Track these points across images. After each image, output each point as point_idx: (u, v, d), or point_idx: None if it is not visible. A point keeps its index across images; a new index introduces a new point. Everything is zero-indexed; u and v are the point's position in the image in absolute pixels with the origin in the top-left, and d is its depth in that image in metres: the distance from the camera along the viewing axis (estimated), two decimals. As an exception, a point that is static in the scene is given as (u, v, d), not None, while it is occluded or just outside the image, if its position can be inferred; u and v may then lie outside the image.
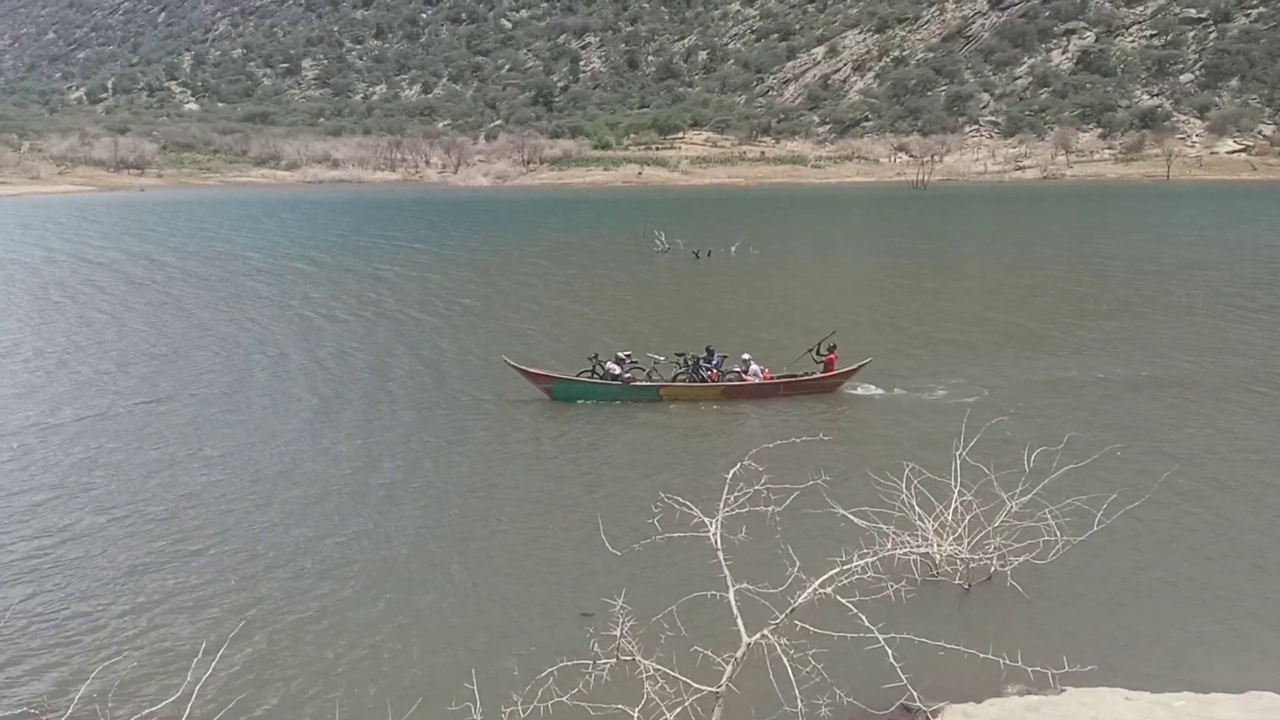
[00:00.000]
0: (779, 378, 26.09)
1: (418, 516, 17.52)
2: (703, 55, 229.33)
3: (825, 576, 9.49)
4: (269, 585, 14.84)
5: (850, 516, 13.99)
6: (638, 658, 9.07)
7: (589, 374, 25.96)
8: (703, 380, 25.75)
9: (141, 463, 20.65)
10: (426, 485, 19.27)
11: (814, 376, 26.00)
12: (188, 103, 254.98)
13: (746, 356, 26.35)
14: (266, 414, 24.57)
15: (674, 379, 26.05)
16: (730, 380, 25.86)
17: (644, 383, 25.76)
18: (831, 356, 26.13)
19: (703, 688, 9.25)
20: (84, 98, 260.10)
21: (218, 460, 20.81)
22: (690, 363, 26.15)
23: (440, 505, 18.19)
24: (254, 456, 21.10)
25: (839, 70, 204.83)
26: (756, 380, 25.76)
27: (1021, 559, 14.19)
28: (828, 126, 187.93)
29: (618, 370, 25.60)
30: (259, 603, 14.23)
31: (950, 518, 14.46)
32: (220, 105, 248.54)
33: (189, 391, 26.84)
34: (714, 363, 26.11)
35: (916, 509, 14.46)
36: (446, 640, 13.25)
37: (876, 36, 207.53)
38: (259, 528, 17.15)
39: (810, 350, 26.61)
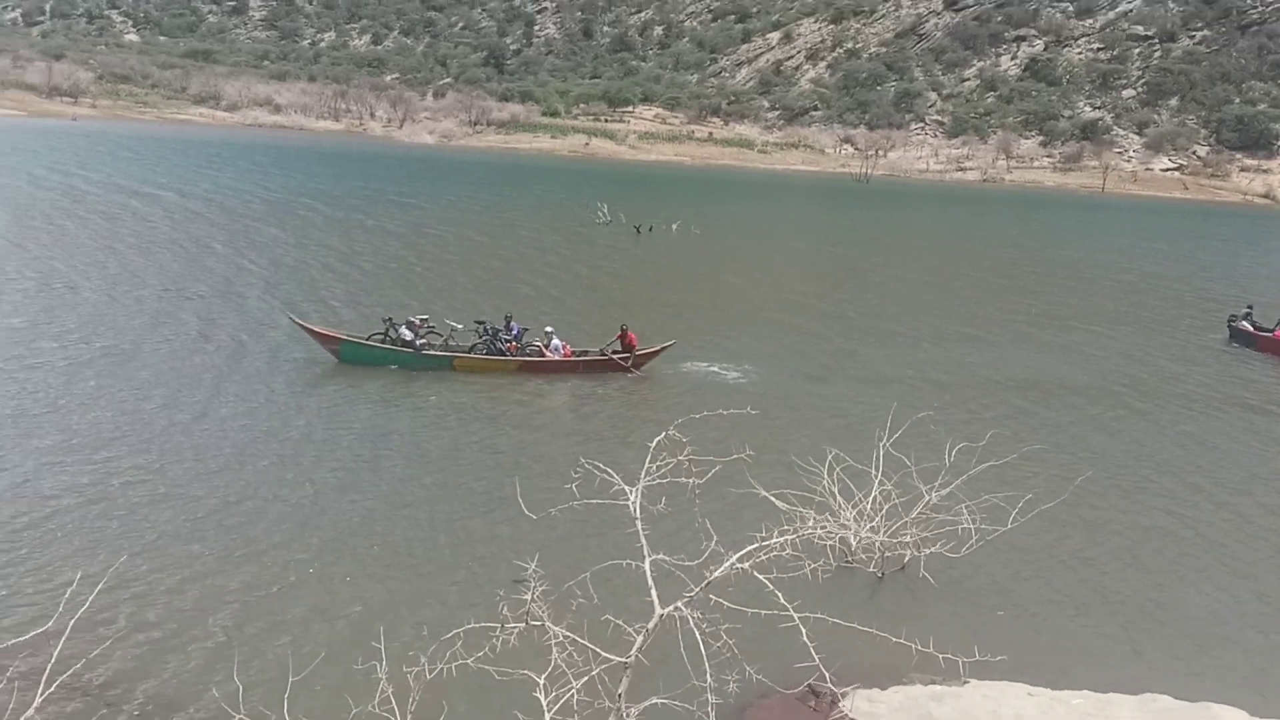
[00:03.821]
0: (581, 355, 25.62)
1: (314, 479, 17.07)
2: (658, 30, 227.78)
3: (743, 551, 9.43)
4: (161, 536, 14.47)
5: (771, 497, 14.00)
6: (547, 624, 8.92)
7: (380, 337, 24.90)
8: (501, 352, 25.10)
9: None
10: (314, 448, 18.75)
11: (616, 355, 25.47)
12: (128, 33, 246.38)
13: (549, 330, 25.72)
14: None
15: (471, 349, 25.27)
16: (531, 354, 25.34)
17: (439, 352, 24.96)
18: (631, 337, 25.55)
19: (612, 657, 9.14)
20: (19, 19, 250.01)
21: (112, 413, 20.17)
22: (489, 332, 25.43)
23: (338, 467, 17.77)
24: (120, 415, 20.27)
25: (792, 57, 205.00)
26: (557, 356, 25.27)
27: (936, 550, 14.37)
28: (777, 112, 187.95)
29: (410, 336, 24.70)
30: (159, 562, 13.79)
31: (869, 506, 14.57)
32: (162, 39, 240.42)
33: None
34: (514, 334, 25.43)
35: (837, 495, 14.56)
36: (353, 599, 13.00)
37: (832, 27, 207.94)
38: (166, 479, 16.73)
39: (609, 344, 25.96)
